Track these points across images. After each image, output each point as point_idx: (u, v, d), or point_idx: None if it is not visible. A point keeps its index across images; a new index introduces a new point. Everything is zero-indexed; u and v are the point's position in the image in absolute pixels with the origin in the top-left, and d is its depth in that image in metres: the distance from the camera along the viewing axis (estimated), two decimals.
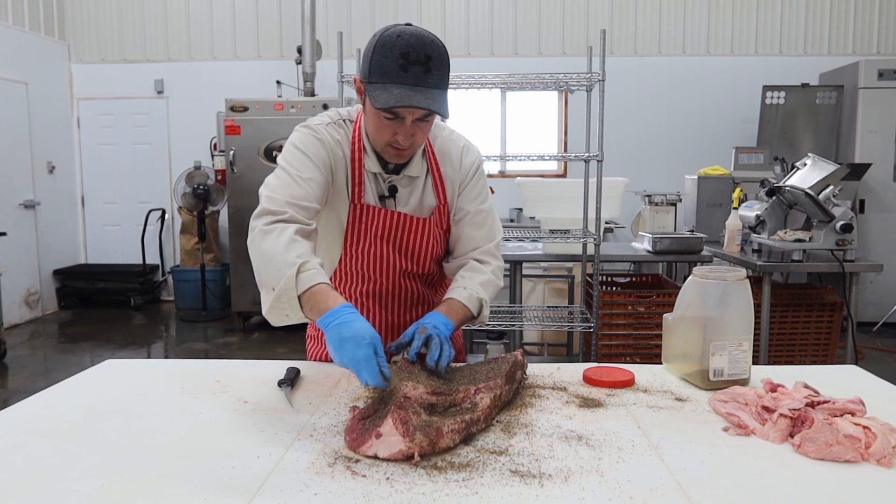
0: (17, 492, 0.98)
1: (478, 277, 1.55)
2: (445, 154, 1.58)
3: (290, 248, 1.31)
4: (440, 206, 1.58)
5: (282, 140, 5.66)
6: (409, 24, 1.38)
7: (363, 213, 1.53)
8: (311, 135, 1.49)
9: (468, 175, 1.59)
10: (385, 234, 1.55)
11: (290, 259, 1.29)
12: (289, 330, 5.84)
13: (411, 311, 1.66)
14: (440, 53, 1.34)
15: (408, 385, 1.22)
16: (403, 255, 1.58)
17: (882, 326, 5.64)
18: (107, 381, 1.52)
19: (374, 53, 1.34)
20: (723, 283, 1.42)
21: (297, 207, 1.39)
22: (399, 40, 1.32)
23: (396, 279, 1.61)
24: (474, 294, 1.52)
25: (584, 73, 3.42)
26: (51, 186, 6.56)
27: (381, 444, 1.08)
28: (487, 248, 1.60)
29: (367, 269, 1.60)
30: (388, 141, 1.42)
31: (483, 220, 1.60)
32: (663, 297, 3.77)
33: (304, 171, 1.44)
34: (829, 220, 3.49)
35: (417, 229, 1.56)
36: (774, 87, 5.87)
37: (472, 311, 1.51)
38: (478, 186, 1.60)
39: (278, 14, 6.69)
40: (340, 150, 1.50)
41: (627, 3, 6.49)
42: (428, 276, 1.66)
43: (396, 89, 1.31)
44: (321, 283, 1.28)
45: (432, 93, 1.33)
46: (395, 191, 1.54)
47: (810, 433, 1.12)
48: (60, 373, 4.22)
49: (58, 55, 6.72)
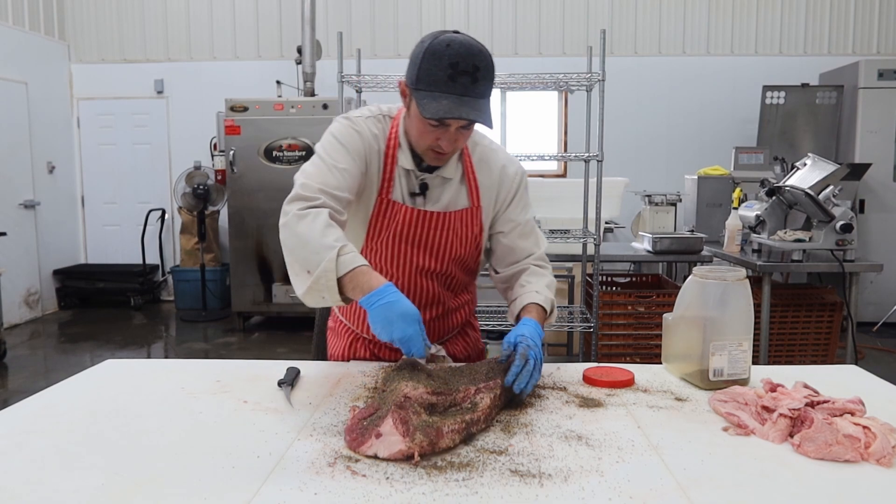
0: (17, 492, 0.98)
1: (544, 280, 1.60)
2: (484, 162, 1.60)
3: (327, 232, 1.34)
4: (472, 209, 1.58)
5: (282, 140, 5.67)
6: (458, 31, 1.39)
7: (388, 207, 1.54)
8: (349, 126, 1.52)
9: (513, 187, 1.61)
10: (406, 232, 1.55)
11: (329, 242, 1.32)
12: (289, 330, 5.85)
13: (425, 311, 1.64)
14: (487, 63, 1.37)
15: (408, 385, 1.22)
16: (424, 251, 1.58)
17: (882, 326, 5.64)
18: (107, 381, 1.53)
19: (422, 61, 1.37)
20: (723, 283, 1.42)
21: (329, 195, 1.42)
22: (448, 49, 1.34)
23: (413, 276, 1.60)
24: (547, 297, 1.56)
25: (584, 73, 3.42)
26: (51, 186, 6.56)
27: (381, 444, 1.09)
28: (540, 255, 1.65)
29: (385, 263, 1.60)
30: (431, 145, 1.44)
31: (531, 230, 1.65)
32: (663, 297, 3.77)
33: (340, 160, 1.47)
34: (829, 220, 3.49)
35: (440, 225, 1.55)
36: (774, 87, 5.87)
37: (546, 312, 1.56)
38: (524, 199, 1.64)
39: (278, 14, 6.69)
40: (377, 143, 1.53)
41: (627, 3, 6.49)
42: (447, 277, 1.64)
43: (445, 99, 1.34)
44: (362, 264, 1.32)
45: (478, 103, 1.36)
46: (426, 188, 1.54)
47: (810, 433, 1.12)
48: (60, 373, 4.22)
49: (58, 55, 6.72)
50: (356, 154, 1.49)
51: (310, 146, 5.66)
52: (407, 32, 6.56)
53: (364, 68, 3.92)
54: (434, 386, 1.25)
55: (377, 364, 1.64)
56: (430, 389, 1.23)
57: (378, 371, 1.57)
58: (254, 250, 5.82)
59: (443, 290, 1.66)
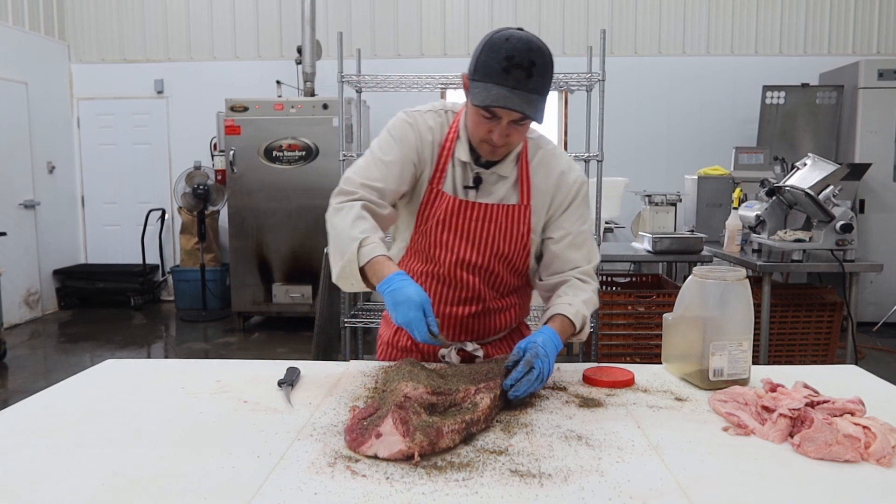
0: (17, 492, 0.98)
1: (582, 295, 1.56)
2: (543, 166, 1.58)
3: (356, 224, 1.44)
4: (520, 206, 1.56)
5: (282, 140, 5.67)
6: (521, 28, 1.40)
7: (436, 197, 1.56)
8: (404, 119, 1.57)
9: (570, 194, 1.59)
10: (449, 221, 1.55)
11: (354, 234, 1.43)
12: (289, 330, 5.85)
13: (463, 306, 1.63)
14: (545, 61, 1.37)
15: (408, 385, 1.22)
16: (466, 242, 1.56)
17: (882, 326, 5.64)
18: (107, 381, 1.53)
19: (481, 52, 1.39)
20: (723, 283, 1.42)
21: (369, 188, 1.51)
22: (507, 43, 1.35)
23: (453, 267, 1.59)
24: (580, 311, 1.53)
25: (584, 73, 3.43)
26: (51, 186, 6.56)
27: (381, 444, 1.09)
28: (586, 269, 1.61)
29: (428, 252, 1.60)
30: (484, 137, 1.45)
31: (583, 241, 1.61)
32: (663, 297, 3.77)
33: (388, 154, 1.53)
34: (829, 220, 3.49)
35: (484, 216, 1.55)
36: (774, 87, 5.87)
37: (575, 328, 1.54)
38: (581, 208, 1.61)
39: (278, 14, 6.69)
40: (431, 135, 1.55)
41: (627, 3, 6.49)
42: (490, 274, 1.61)
43: (496, 89, 1.35)
44: (379, 255, 1.41)
45: (531, 98, 1.36)
46: (479, 182, 1.55)
47: (810, 433, 1.12)
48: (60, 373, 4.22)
49: (58, 55, 6.72)
50: (407, 146, 1.54)
51: (310, 146, 5.66)
52: (407, 32, 6.56)
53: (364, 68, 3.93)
54: (434, 386, 1.25)
55: (377, 364, 1.64)
56: (430, 389, 1.23)
57: (378, 371, 1.57)
58: (254, 250, 5.82)
59: (485, 288, 1.62)
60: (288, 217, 5.75)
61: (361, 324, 3.86)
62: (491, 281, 1.63)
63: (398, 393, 1.20)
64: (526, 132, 1.48)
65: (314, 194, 5.68)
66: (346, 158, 3.74)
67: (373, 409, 1.19)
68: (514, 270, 1.63)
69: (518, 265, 1.62)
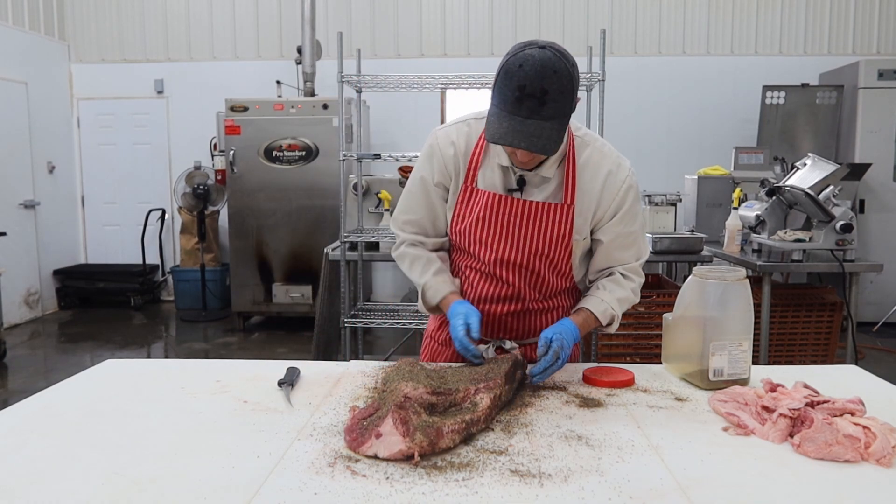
0: (17, 492, 0.98)
1: (618, 292, 1.59)
2: (590, 167, 1.55)
3: (412, 269, 1.66)
4: (563, 206, 1.53)
5: (282, 140, 5.66)
6: (544, 46, 1.35)
7: (472, 195, 1.57)
8: (427, 142, 1.64)
9: (619, 195, 1.55)
10: (487, 216, 1.54)
11: (415, 279, 1.66)
12: (289, 330, 5.85)
13: (502, 304, 1.63)
14: (560, 85, 1.33)
15: (408, 385, 1.22)
16: (505, 240, 1.56)
17: (882, 326, 5.64)
18: (107, 381, 1.53)
19: (497, 78, 1.38)
20: (723, 283, 1.42)
21: (409, 224, 1.66)
22: (520, 71, 1.33)
23: (493, 265, 1.59)
24: (609, 309, 1.58)
25: (584, 73, 3.43)
26: (51, 186, 6.56)
27: (381, 444, 1.08)
28: (633, 266, 1.62)
29: (468, 248, 1.62)
30: (509, 153, 1.49)
31: (633, 241, 1.61)
32: (663, 297, 3.77)
33: (414, 183, 1.64)
34: (829, 220, 3.49)
35: (523, 213, 1.53)
36: (774, 87, 5.87)
37: (601, 323, 1.59)
38: (633, 209, 1.58)
39: (278, 14, 6.68)
40: (453, 148, 1.58)
41: (627, 3, 6.49)
42: (531, 273, 1.59)
43: (507, 121, 1.35)
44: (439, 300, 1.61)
45: (545, 126, 1.34)
46: (523, 183, 1.54)
47: (810, 433, 1.12)
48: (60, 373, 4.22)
49: (58, 55, 6.72)
50: (431, 168, 1.61)
51: (310, 146, 5.66)
52: (407, 32, 6.56)
53: (364, 68, 3.93)
54: (434, 386, 1.25)
55: (377, 364, 1.64)
56: (430, 389, 1.23)
57: (378, 371, 1.57)
58: (254, 250, 5.82)
59: (526, 287, 1.61)
60: (288, 217, 5.75)
61: (361, 324, 3.86)
62: (532, 281, 1.61)
63: (398, 393, 1.20)
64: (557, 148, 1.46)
65: (314, 194, 5.69)
66: (346, 158, 3.74)
67: (373, 409, 1.19)
68: (556, 271, 1.60)
69: (560, 266, 1.59)
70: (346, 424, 1.19)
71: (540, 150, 1.35)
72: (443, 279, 1.62)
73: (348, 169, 4.04)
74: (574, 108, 1.41)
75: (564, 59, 1.35)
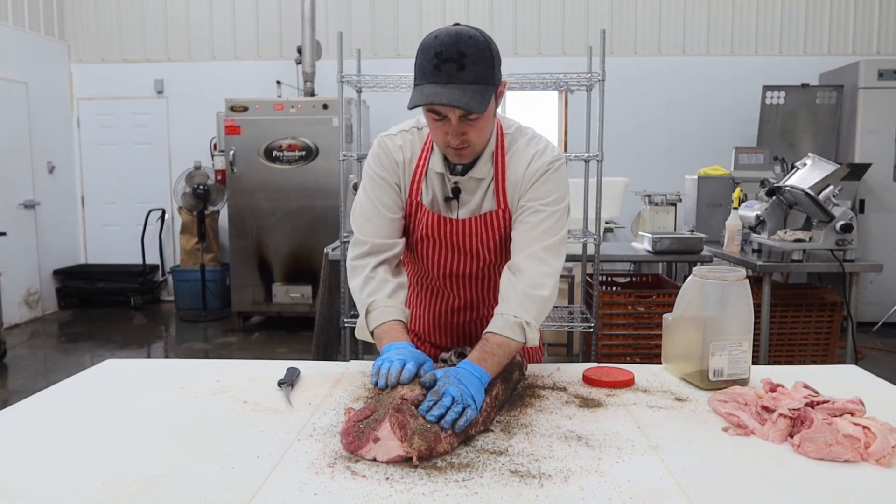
0: (17, 492, 0.98)
1: (514, 297, 1.42)
2: (515, 159, 1.51)
3: (364, 287, 1.51)
4: (498, 212, 1.52)
5: (282, 140, 5.66)
6: (458, 23, 1.37)
7: (417, 209, 1.56)
8: (375, 149, 1.57)
9: (538, 171, 1.48)
10: (432, 234, 1.55)
11: (362, 299, 1.50)
12: (289, 330, 5.85)
13: (458, 315, 1.65)
14: (477, 49, 1.31)
15: (404, 387, 1.21)
16: (451, 254, 1.57)
17: (882, 326, 5.64)
18: (107, 381, 1.52)
19: (416, 57, 1.37)
20: (723, 283, 1.42)
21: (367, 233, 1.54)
22: (435, 41, 1.32)
23: (444, 278, 1.61)
24: (510, 321, 1.39)
25: (584, 73, 3.43)
26: (51, 186, 6.56)
27: (379, 449, 1.08)
28: (531, 252, 1.44)
29: (419, 261, 1.62)
30: (443, 141, 1.42)
31: (539, 221, 1.46)
32: (663, 297, 3.77)
33: (371, 188, 1.55)
34: (829, 220, 3.49)
35: (462, 231, 1.53)
36: (774, 87, 5.87)
37: (513, 339, 1.38)
38: (543, 188, 1.47)
39: (278, 14, 6.68)
40: (401, 154, 1.54)
41: (627, 3, 6.49)
42: (481, 280, 1.61)
43: (428, 88, 1.32)
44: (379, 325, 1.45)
45: (467, 89, 1.31)
46: (458, 192, 1.52)
47: (810, 433, 1.12)
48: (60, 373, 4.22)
49: (58, 55, 6.72)
50: (385, 171, 1.54)
51: (310, 146, 5.66)
52: (407, 32, 6.56)
53: (364, 68, 3.92)
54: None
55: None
56: (426, 391, 1.22)
57: None
58: (254, 250, 5.82)
59: (479, 295, 1.63)
60: (288, 217, 5.75)
61: None
62: (484, 288, 1.63)
63: (394, 395, 1.19)
64: (485, 127, 1.41)
65: (314, 194, 5.68)
66: (345, 158, 3.73)
67: (369, 411, 1.18)
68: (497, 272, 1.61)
69: None
70: (342, 427, 1.19)
71: (464, 106, 1.30)
72: (388, 310, 1.45)
73: (348, 169, 4.03)
74: (498, 82, 1.37)
75: (479, 32, 1.35)
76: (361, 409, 1.20)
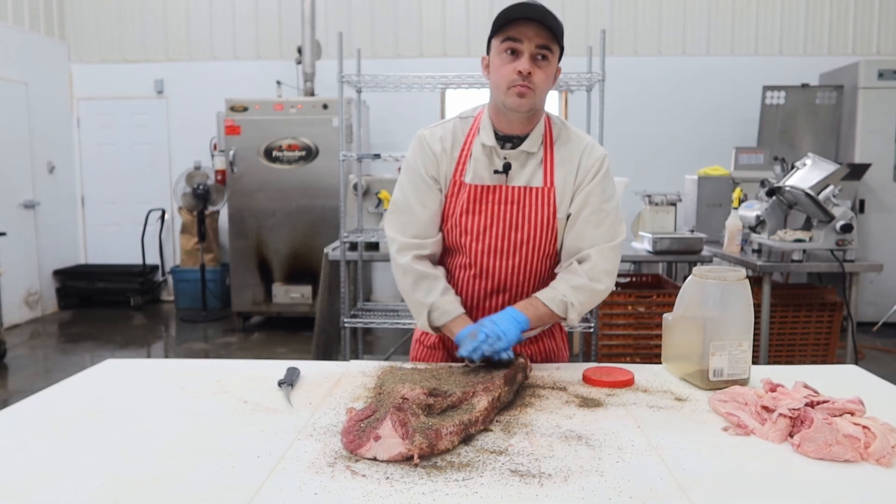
0: (17, 492, 0.98)
1: (572, 280, 1.55)
2: (566, 144, 1.60)
3: (417, 287, 1.59)
4: (545, 188, 1.56)
5: (282, 140, 5.66)
6: None
7: (459, 189, 1.58)
8: (413, 145, 1.64)
9: (589, 173, 1.58)
10: (473, 207, 1.57)
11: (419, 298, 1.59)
12: (289, 330, 5.85)
13: (494, 297, 1.64)
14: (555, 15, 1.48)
15: (405, 386, 1.22)
16: (492, 230, 1.57)
17: (882, 326, 5.63)
18: (107, 381, 1.53)
19: (493, 23, 1.52)
20: (723, 283, 1.42)
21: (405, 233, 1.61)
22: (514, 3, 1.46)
23: (481, 256, 1.60)
24: (558, 296, 1.54)
25: (584, 73, 3.43)
26: (51, 186, 6.56)
27: (380, 447, 1.08)
28: (594, 251, 1.56)
29: (457, 239, 1.61)
30: (510, 80, 1.48)
31: (604, 217, 1.57)
32: (663, 297, 3.77)
33: (406, 188, 1.62)
34: (829, 220, 3.49)
35: (507, 200, 1.56)
36: (774, 87, 5.87)
37: (555, 311, 1.54)
38: (605, 185, 1.58)
39: (278, 14, 6.68)
40: (440, 144, 1.60)
41: (627, 3, 6.49)
42: (521, 261, 1.59)
43: (515, 9, 1.46)
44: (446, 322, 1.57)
45: (548, 17, 1.45)
46: (508, 167, 1.56)
47: (810, 433, 1.12)
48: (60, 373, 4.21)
49: (58, 55, 6.72)
50: (422, 168, 1.60)
51: (310, 146, 5.66)
52: (407, 32, 6.56)
53: (364, 68, 3.93)
54: (430, 387, 1.25)
55: (377, 364, 1.64)
56: (427, 390, 1.22)
57: (377, 371, 1.57)
58: (254, 250, 5.82)
59: (514, 276, 1.61)
60: (288, 217, 5.75)
61: (361, 324, 3.86)
62: (521, 268, 1.61)
63: (395, 394, 1.19)
64: (549, 77, 1.51)
65: (314, 194, 5.68)
66: (345, 158, 3.74)
67: (370, 410, 1.19)
68: (545, 257, 1.61)
69: (547, 249, 1.60)
70: (343, 426, 1.19)
71: (552, 25, 1.44)
72: (449, 299, 1.58)
73: (348, 169, 4.04)
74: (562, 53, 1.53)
75: None
76: (363, 409, 1.20)
